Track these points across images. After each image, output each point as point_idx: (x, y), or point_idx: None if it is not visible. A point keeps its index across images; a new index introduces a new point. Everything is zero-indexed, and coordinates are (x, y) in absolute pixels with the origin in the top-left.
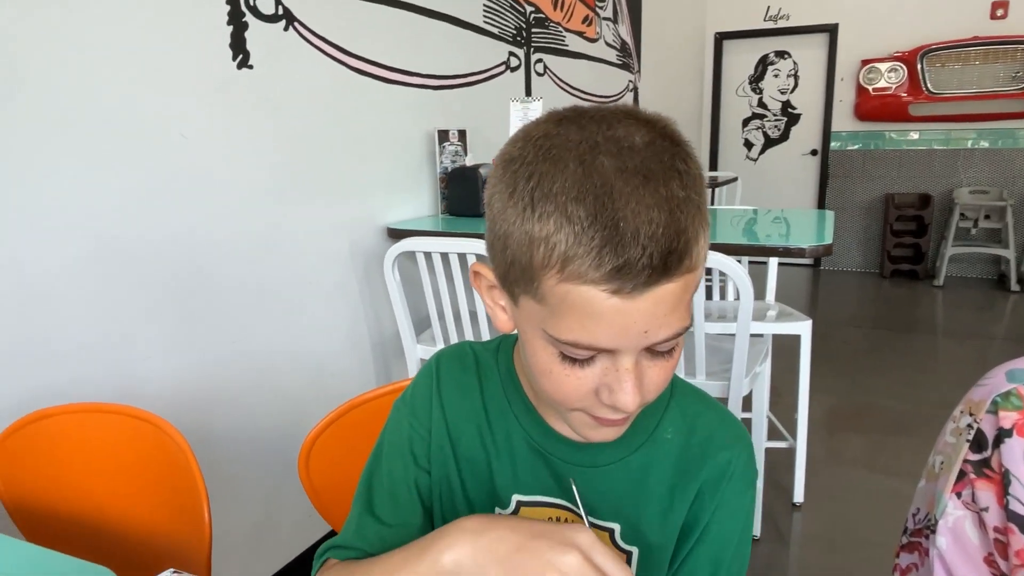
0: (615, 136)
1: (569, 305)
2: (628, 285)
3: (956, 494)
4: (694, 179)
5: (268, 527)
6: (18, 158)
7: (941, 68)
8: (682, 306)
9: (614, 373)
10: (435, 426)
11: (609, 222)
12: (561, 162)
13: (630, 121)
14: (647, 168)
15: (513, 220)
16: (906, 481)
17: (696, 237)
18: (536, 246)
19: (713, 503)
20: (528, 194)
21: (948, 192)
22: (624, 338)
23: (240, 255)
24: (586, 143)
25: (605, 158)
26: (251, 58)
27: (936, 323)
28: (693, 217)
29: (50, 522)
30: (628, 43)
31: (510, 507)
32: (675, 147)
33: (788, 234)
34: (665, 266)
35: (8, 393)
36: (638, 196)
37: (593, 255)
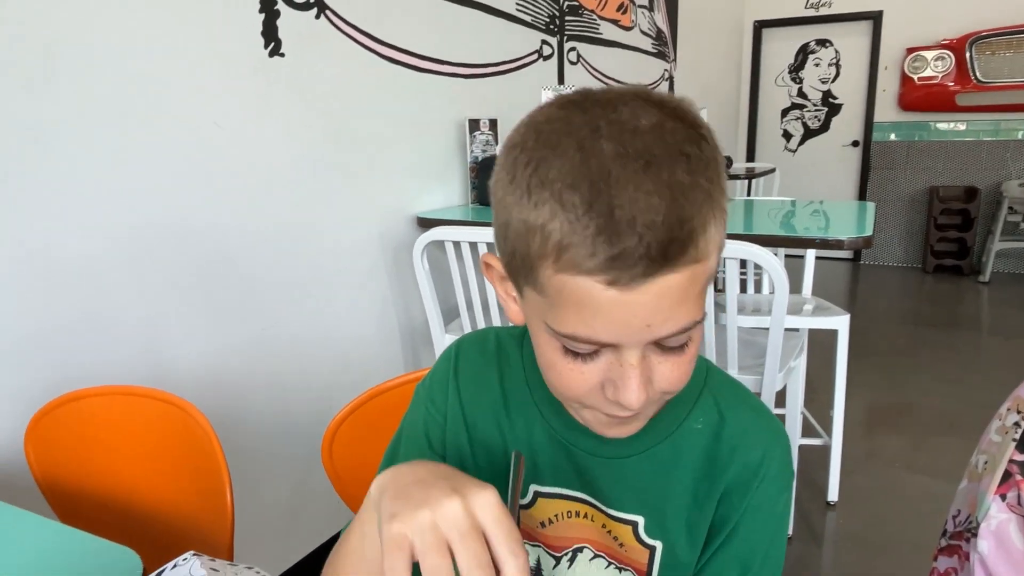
0: (619, 119)
1: (566, 297)
2: (625, 276)
3: (1000, 496)
4: (705, 163)
5: (296, 513)
6: (54, 143)
7: (991, 56)
8: (689, 299)
9: (618, 368)
10: (451, 412)
11: (604, 209)
12: (560, 148)
13: (638, 103)
14: (650, 152)
15: (512, 208)
16: (947, 483)
17: (703, 226)
18: (532, 235)
19: (743, 504)
20: (525, 181)
21: (996, 185)
22: (625, 332)
23: (271, 242)
24: (587, 127)
25: (606, 142)
26: (283, 46)
27: (981, 320)
28: (700, 204)
29: (80, 502)
30: (664, 31)
31: (528, 497)
32: (686, 129)
33: (827, 226)
34: (665, 256)
35: (41, 375)
36: (636, 181)
37: (588, 244)
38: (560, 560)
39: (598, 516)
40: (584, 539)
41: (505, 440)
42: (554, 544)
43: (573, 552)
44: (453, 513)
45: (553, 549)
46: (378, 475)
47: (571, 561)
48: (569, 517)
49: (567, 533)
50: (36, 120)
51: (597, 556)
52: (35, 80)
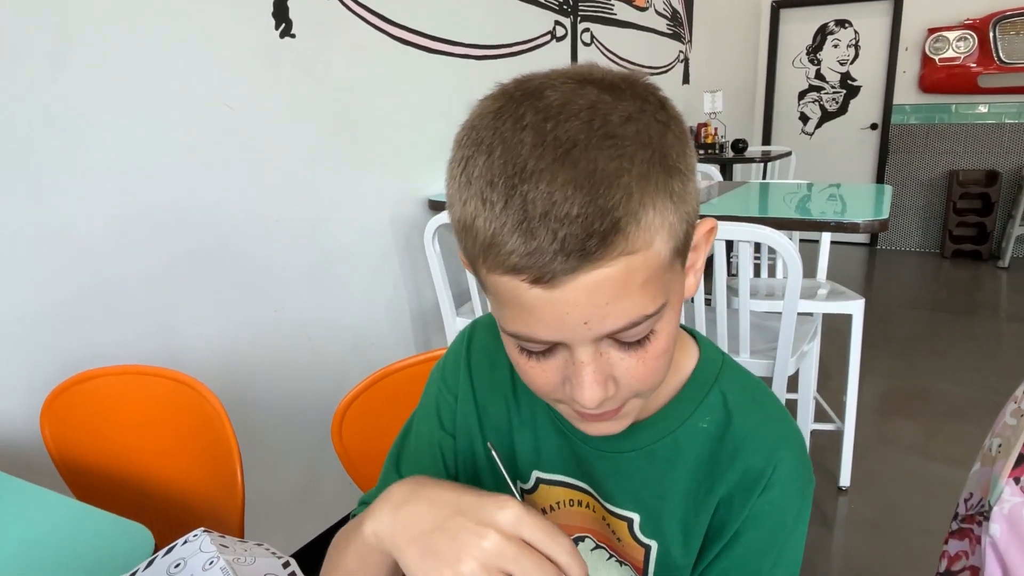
0: (546, 105)
1: (501, 296)
2: (546, 273)
3: (1014, 479)
4: (640, 144)
5: (308, 493)
6: (68, 126)
7: (1016, 36)
8: (630, 293)
9: (572, 366)
10: (462, 393)
11: (519, 205)
12: (484, 143)
13: (574, 84)
14: (569, 139)
15: (452, 207)
16: (961, 469)
17: (634, 214)
18: (466, 233)
19: (743, 511)
20: (456, 180)
21: (1017, 169)
22: (563, 331)
23: (283, 224)
24: (512, 117)
25: (527, 133)
26: (293, 27)
27: (1000, 306)
28: (629, 191)
29: (94, 479)
30: (679, 12)
31: (530, 482)
32: (626, 105)
33: (843, 209)
34: (583, 251)
35: (56, 354)
36: (551, 173)
37: (506, 242)
38: None
39: (598, 508)
40: (586, 529)
41: (511, 424)
42: None
43: (575, 540)
44: (495, 547)
45: None
46: (372, 519)
47: None
48: (571, 505)
49: (569, 521)
50: (51, 103)
51: (598, 547)
52: (50, 63)
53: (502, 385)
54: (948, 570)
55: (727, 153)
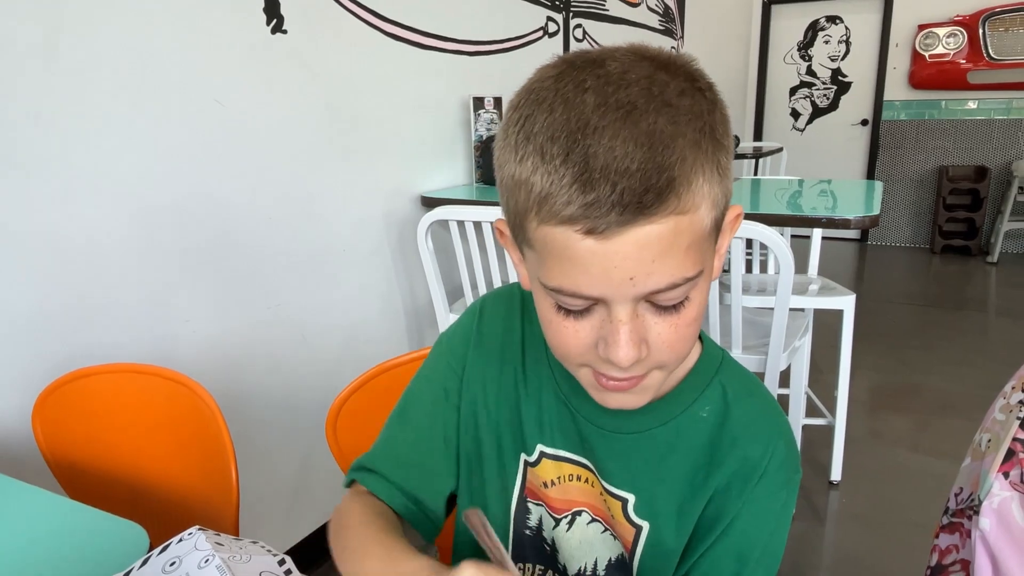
0: (607, 72)
1: (550, 249)
2: (600, 224)
3: (1003, 474)
4: (695, 115)
5: (302, 490)
6: (57, 123)
7: (1005, 33)
8: (676, 253)
9: (609, 325)
10: (470, 366)
11: (580, 159)
12: (546, 103)
13: (632, 58)
14: (630, 102)
15: (504, 165)
16: (951, 463)
17: (687, 176)
18: (519, 188)
19: (741, 499)
20: (514, 137)
21: (1007, 164)
22: (607, 285)
23: (275, 221)
24: (573, 82)
25: (589, 95)
26: (285, 23)
27: (988, 301)
28: (684, 154)
29: (88, 478)
30: (671, 7)
31: (534, 455)
32: (680, 82)
33: (834, 205)
34: (640, 204)
35: (48, 352)
36: (613, 130)
37: (564, 193)
38: (559, 522)
39: (597, 484)
40: (584, 503)
41: (519, 394)
42: (556, 506)
43: (572, 515)
44: None
45: (555, 511)
46: None
47: (571, 523)
48: (571, 480)
49: (569, 496)
50: (39, 100)
51: (595, 520)
52: (37, 60)
53: (512, 358)
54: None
55: None
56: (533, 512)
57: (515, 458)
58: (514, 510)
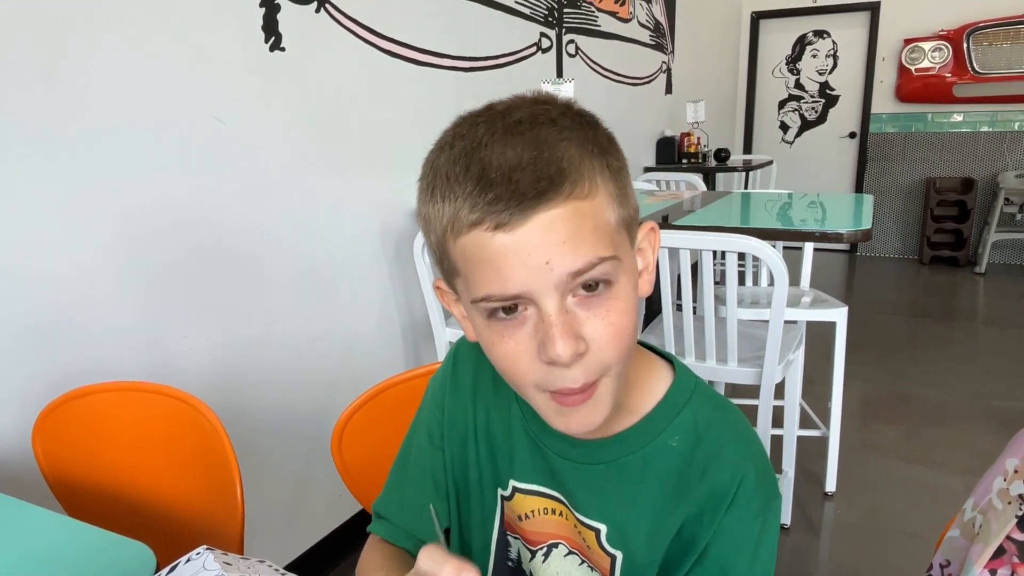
0: (493, 112)
1: (469, 259)
2: (504, 217)
3: (991, 571)
4: (576, 127)
5: (300, 505)
6: (55, 138)
7: (989, 47)
8: (583, 234)
9: (542, 325)
10: (448, 406)
11: (477, 169)
12: (445, 145)
13: (516, 99)
14: (518, 124)
15: (422, 210)
16: (942, 472)
17: (576, 168)
18: (435, 221)
19: (712, 527)
20: (426, 183)
21: (992, 176)
22: (529, 275)
23: (273, 237)
24: (467, 123)
25: (480, 127)
26: (283, 40)
27: (977, 311)
28: (570, 152)
29: (89, 497)
30: (662, 23)
31: (508, 489)
32: (560, 108)
33: (825, 219)
34: (537, 191)
35: (48, 370)
36: (504, 141)
37: (468, 200)
38: (535, 554)
39: (570, 516)
40: (559, 535)
41: (493, 434)
42: (532, 538)
43: (548, 547)
44: None
45: (530, 543)
46: None
47: (546, 555)
48: (545, 514)
49: (543, 528)
50: (38, 115)
51: (571, 553)
52: (37, 76)
53: (484, 399)
54: None
55: (710, 162)
56: (512, 545)
57: (493, 492)
58: (494, 543)
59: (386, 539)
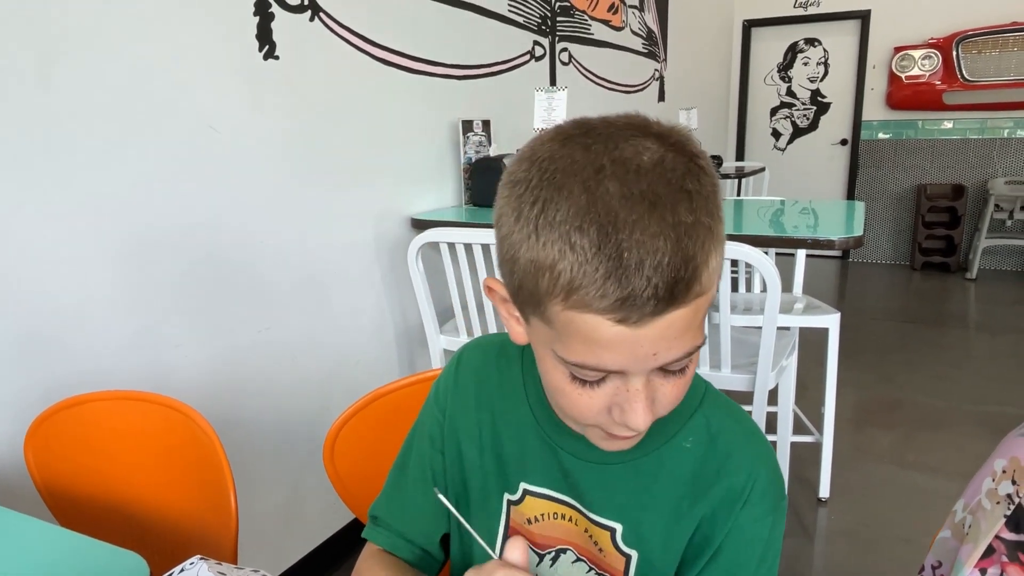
0: (622, 157)
1: (575, 330)
2: (634, 315)
3: (980, 570)
4: (705, 199)
5: (293, 514)
6: (49, 146)
7: (978, 55)
8: (693, 328)
9: (624, 393)
10: (450, 409)
11: (613, 252)
12: (565, 188)
13: (638, 138)
14: (653, 193)
15: (519, 245)
16: (935, 478)
17: (706, 262)
18: (541, 273)
19: (726, 526)
20: (533, 221)
21: (983, 183)
22: (632, 362)
23: (267, 245)
24: (591, 167)
25: (610, 183)
26: (277, 49)
27: (968, 317)
28: (703, 242)
29: (82, 507)
30: (654, 31)
31: (517, 493)
32: (686, 162)
33: (817, 225)
34: (672, 295)
35: (41, 379)
36: (643, 225)
37: (597, 286)
38: (543, 558)
39: (581, 520)
40: (567, 541)
41: (500, 438)
42: (540, 542)
43: (556, 552)
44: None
45: (538, 547)
46: None
47: (554, 560)
48: (554, 518)
49: (552, 533)
50: (32, 123)
51: (579, 560)
52: (31, 84)
53: (488, 403)
54: None
55: None
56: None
57: (499, 498)
58: (499, 549)
59: (385, 549)
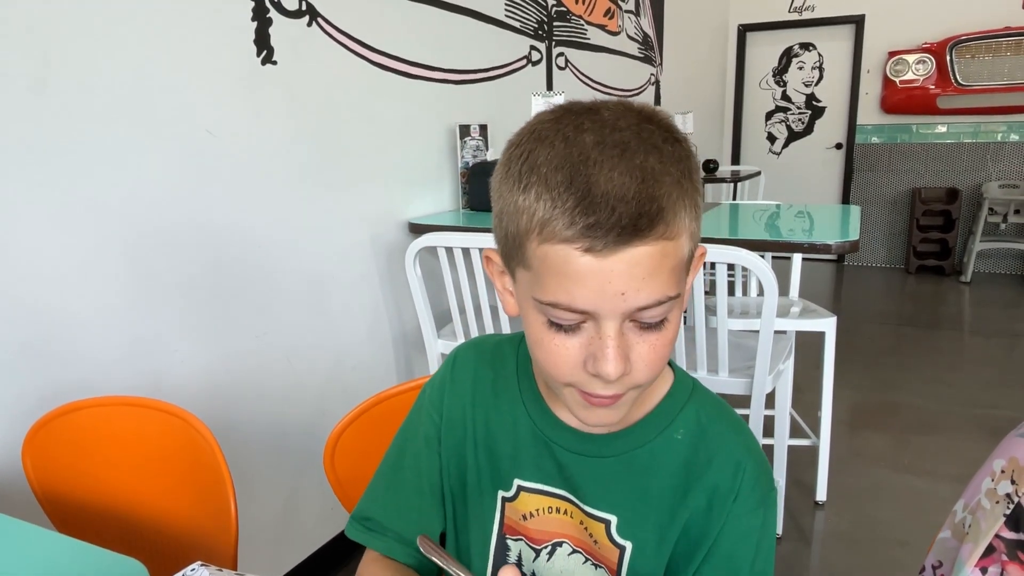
0: (601, 119)
1: (549, 266)
2: (599, 243)
3: (981, 569)
4: (676, 159)
5: (291, 518)
6: (46, 152)
7: (971, 60)
8: (662, 273)
9: (598, 342)
10: (446, 411)
11: (583, 186)
12: (548, 140)
13: (622, 109)
14: (625, 143)
15: (505, 195)
16: (931, 480)
17: (672, 207)
18: (521, 214)
19: (720, 520)
20: (517, 170)
21: (976, 186)
22: (601, 299)
23: (264, 249)
24: (573, 125)
25: (587, 135)
26: (275, 54)
27: (963, 320)
28: (669, 190)
29: (80, 514)
30: (650, 36)
31: (512, 490)
32: (662, 132)
33: (813, 229)
34: (635, 227)
35: (38, 385)
36: (611, 164)
37: (567, 215)
38: (540, 553)
39: (576, 513)
40: (563, 534)
41: (494, 435)
42: (535, 537)
43: (552, 546)
44: None
45: (534, 542)
46: None
47: (550, 554)
48: (549, 512)
49: (547, 527)
50: (30, 129)
51: (575, 552)
52: (30, 90)
53: (483, 401)
54: None
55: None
56: (512, 548)
57: (493, 496)
58: (493, 547)
59: (385, 555)
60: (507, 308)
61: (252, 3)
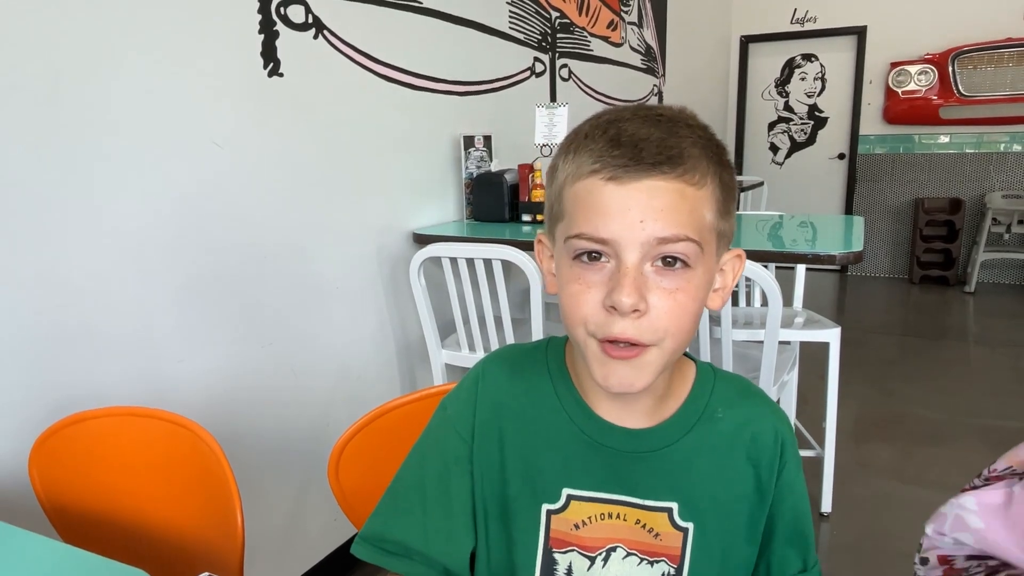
0: (645, 106)
1: (577, 202)
2: (620, 172)
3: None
4: (705, 140)
5: (296, 529)
6: (55, 162)
7: (973, 70)
8: (681, 211)
9: (617, 275)
10: (478, 428)
11: (614, 134)
12: (596, 118)
13: (673, 108)
14: (660, 117)
15: (556, 163)
16: (937, 492)
17: (694, 162)
18: (563, 171)
19: (778, 486)
20: (567, 141)
21: (980, 196)
22: (622, 227)
23: (270, 260)
24: (612, 113)
25: (626, 111)
26: (282, 66)
27: (967, 330)
28: (692, 150)
29: (87, 524)
30: (653, 47)
31: (559, 501)
32: (702, 127)
33: (816, 240)
34: (655, 163)
35: (45, 395)
36: (641, 122)
37: (595, 154)
38: (595, 560)
39: (631, 514)
40: (617, 539)
41: (534, 448)
42: (589, 545)
43: (607, 552)
44: None
45: (587, 550)
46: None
47: (605, 560)
48: (602, 519)
49: (600, 534)
50: (40, 140)
51: (630, 554)
52: (42, 100)
53: (519, 413)
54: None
55: None
56: (561, 561)
57: (535, 510)
58: (539, 564)
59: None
60: (548, 287)
61: (259, 16)
